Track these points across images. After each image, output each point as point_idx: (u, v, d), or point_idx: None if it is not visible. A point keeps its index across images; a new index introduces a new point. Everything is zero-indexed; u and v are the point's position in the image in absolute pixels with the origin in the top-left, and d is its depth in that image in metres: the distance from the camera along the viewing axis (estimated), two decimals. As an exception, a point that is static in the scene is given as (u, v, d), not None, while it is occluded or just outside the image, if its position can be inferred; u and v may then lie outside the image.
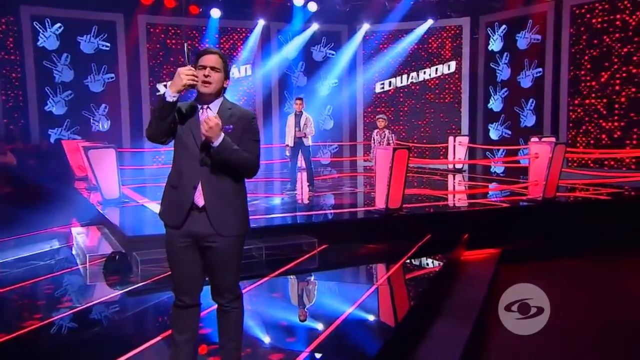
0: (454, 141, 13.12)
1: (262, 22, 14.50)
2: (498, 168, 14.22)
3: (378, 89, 15.91)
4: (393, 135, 8.93)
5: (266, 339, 3.80)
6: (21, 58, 12.72)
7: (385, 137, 8.71)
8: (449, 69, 15.42)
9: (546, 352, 4.38)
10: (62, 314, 4.30)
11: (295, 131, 9.03)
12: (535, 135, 13.20)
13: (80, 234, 6.64)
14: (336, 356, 3.54)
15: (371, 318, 4.32)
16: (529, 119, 14.17)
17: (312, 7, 14.16)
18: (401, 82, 15.78)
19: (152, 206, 8.03)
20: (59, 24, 13.04)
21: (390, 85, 15.83)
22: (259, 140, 2.93)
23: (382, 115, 8.94)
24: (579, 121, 12.92)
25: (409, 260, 5.95)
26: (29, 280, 5.24)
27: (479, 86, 15.30)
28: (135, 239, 5.72)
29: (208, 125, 2.63)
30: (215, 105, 2.85)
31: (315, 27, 15.01)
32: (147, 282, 5.07)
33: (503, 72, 14.70)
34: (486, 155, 14.93)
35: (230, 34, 14.79)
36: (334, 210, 7.93)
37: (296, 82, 15.46)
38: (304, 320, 4.26)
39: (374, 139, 8.84)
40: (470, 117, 15.34)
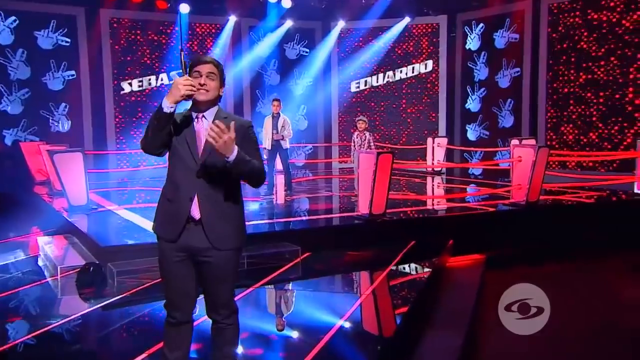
0: (433, 142, 13.32)
1: (233, 19, 14.45)
2: (476, 170, 14.49)
3: (353, 89, 16.03)
4: (371, 137, 9.03)
5: (254, 355, 3.81)
6: (-28, 54, 12.42)
7: (365, 140, 8.80)
8: (425, 68, 15.64)
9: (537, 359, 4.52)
10: (34, 332, 4.19)
11: (272, 133, 9.05)
12: (514, 136, 13.55)
13: (48, 244, 6.52)
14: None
15: (361, 330, 4.37)
16: (507, 119, 14.48)
17: (287, 3, 14.18)
18: (377, 82, 15.93)
19: (122, 213, 7.94)
20: (13, 18, 12.73)
21: (366, 85, 15.96)
22: (259, 148, 2.97)
23: (362, 117, 9.02)
24: (558, 122, 13.27)
25: (395, 268, 6.04)
26: (-6, 296, 5.13)
27: (456, 86, 15.57)
28: (110, 249, 5.65)
29: (222, 140, 2.58)
30: (210, 114, 2.87)
31: (289, 24, 15.03)
32: (125, 294, 5.02)
33: (481, 71, 14.99)
34: (464, 156, 15.21)
35: (200, 30, 14.70)
36: (316, 216, 7.98)
37: (269, 80, 15.45)
38: (291, 335, 4.29)
39: (354, 142, 8.93)
40: (447, 117, 15.58)
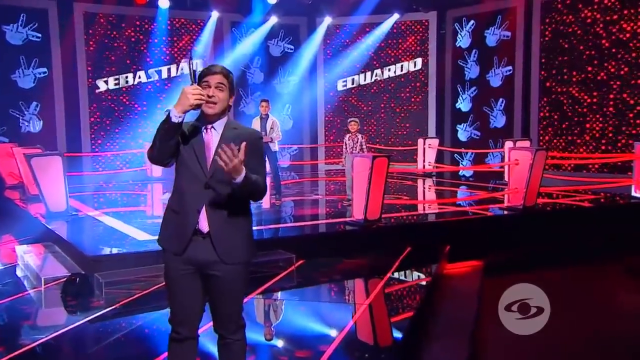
0: (424, 143, 13.44)
1: (216, 14, 14.43)
2: (467, 171, 14.67)
3: (340, 87, 16.10)
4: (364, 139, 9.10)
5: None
6: (-64, 50, 12.24)
7: (358, 142, 8.87)
8: (415, 66, 15.80)
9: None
10: (20, 348, 4.12)
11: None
12: (506, 137, 13.75)
13: (27, 253, 6.46)
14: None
15: (363, 342, 4.42)
16: (498, 119, 14.68)
17: (272, -1, 14.23)
18: (365, 80, 16.04)
19: (104, 219, 7.90)
20: (-21, 11, 12.59)
21: (353, 83, 16.06)
22: (264, 161, 3.00)
23: (354, 119, 9.08)
24: (551, 122, 13.47)
25: (393, 277, 6.11)
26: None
27: (446, 84, 15.74)
28: (97, 259, 5.63)
29: (233, 165, 2.60)
30: (219, 125, 2.88)
31: (273, 20, 15.06)
32: (114, 306, 5.00)
33: (472, 70, 15.18)
34: (454, 157, 15.38)
35: (181, 26, 14.65)
36: (309, 222, 8.02)
37: (252, 78, 15.46)
38: (291, 348, 4.31)
39: (346, 144, 8.99)
40: (437, 117, 15.75)
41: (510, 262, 7.29)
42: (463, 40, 15.32)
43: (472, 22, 15.11)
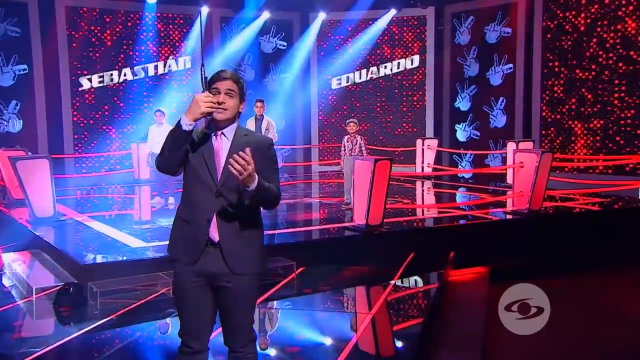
0: (423, 144, 13.51)
1: (205, 9, 14.42)
2: (465, 173, 14.76)
3: (335, 85, 16.15)
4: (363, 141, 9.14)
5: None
6: None
7: (357, 144, 8.91)
8: (412, 64, 15.87)
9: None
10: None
11: (256, 137, 9.06)
12: (506, 137, 13.87)
13: (15, 261, 6.43)
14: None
15: (368, 353, 4.45)
16: (499, 119, 14.78)
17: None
18: (360, 78, 16.09)
19: (94, 224, 7.88)
20: (-46, 5, 12.50)
21: (348, 81, 16.11)
22: (278, 168, 3.02)
23: (352, 120, 9.12)
24: (553, 122, 13.56)
25: (398, 284, 6.16)
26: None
27: (444, 83, 15.83)
28: (91, 267, 5.62)
29: (247, 173, 2.62)
30: (229, 132, 2.91)
31: (266, 15, 15.07)
32: (110, 317, 4.99)
33: (471, 67, 15.28)
34: (453, 159, 15.47)
35: (170, 21, 14.62)
36: (308, 227, 8.04)
37: (243, 76, 15.36)
38: (298, 360, 4.35)
39: (344, 146, 9.02)
40: (435, 116, 15.83)
41: (516, 269, 7.34)
42: (462, 37, 15.42)
43: (471, 18, 15.21)
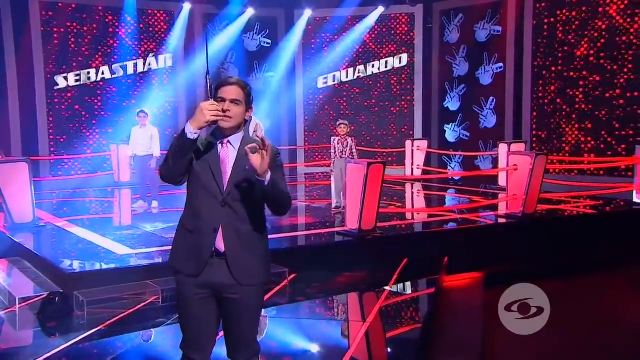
0: (412, 145, 13.61)
1: (188, 6, 14.41)
2: (459, 176, 14.87)
3: (321, 84, 16.20)
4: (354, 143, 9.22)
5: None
6: None
7: (347, 146, 8.99)
8: (400, 63, 15.97)
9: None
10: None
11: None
12: (497, 138, 14.02)
13: (-4, 270, 6.40)
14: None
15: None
16: (489, 119, 14.93)
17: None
18: (347, 77, 16.16)
19: (75, 230, 7.86)
20: None
21: (334, 80, 16.16)
22: (285, 175, 3.08)
23: (344, 121, 9.18)
24: (544, 123, 13.73)
25: (392, 291, 6.23)
26: None
27: (433, 82, 15.92)
28: (76, 276, 5.61)
29: (269, 158, 2.72)
30: (236, 140, 2.94)
31: (250, 12, 15.08)
32: (99, 328, 4.99)
33: (460, 66, 15.41)
34: (442, 160, 15.60)
35: (150, 18, 14.57)
36: (299, 232, 8.06)
37: (225, 74, 15.42)
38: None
39: (334, 148, 9.09)
40: (424, 116, 15.93)
41: (511, 273, 7.45)
42: (451, 35, 15.54)
43: (460, 15, 15.33)
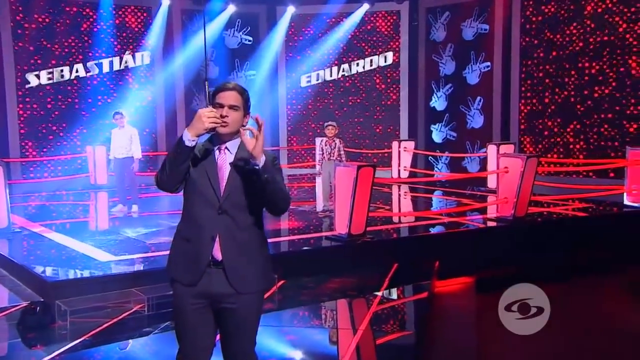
0: (399, 146, 13.69)
1: (166, 2, 14.35)
2: (439, 176, 14.99)
3: (304, 83, 16.23)
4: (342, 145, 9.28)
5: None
6: None
7: (335, 147, 9.05)
8: (385, 61, 16.05)
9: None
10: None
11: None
12: (484, 138, 14.16)
13: (-30, 279, 6.32)
14: None
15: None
16: (476, 119, 15.06)
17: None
18: (330, 75, 16.20)
19: (52, 236, 7.80)
20: None
21: (318, 79, 16.20)
22: (283, 179, 3.10)
23: (331, 123, 9.24)
24: (532, 123, 13.88)
25: (383, 297, 6.28)
26: None
27: (419, 81, 16.02)
28: (58, 284, 5.57)
29: (262, 137, 2.78)
30: (233, 146, 2.97)
31: (231, 9, 15.07)
32: (83, 338, 4.97)
33: (447, 65, 15.52)
34: (429, 161, 15.70)
35: (127, 14, 14.47)
36: (287, 237, 8.05)
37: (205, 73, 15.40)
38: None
39: (322, 149, 9.14)
40: (410, 116, 16.03)
41: (502, 278, 7.54)
42: (437, 34, 15.65)
43: (447, 13, 15.43)
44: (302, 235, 8.04)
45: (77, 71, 14.02)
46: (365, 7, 15.60)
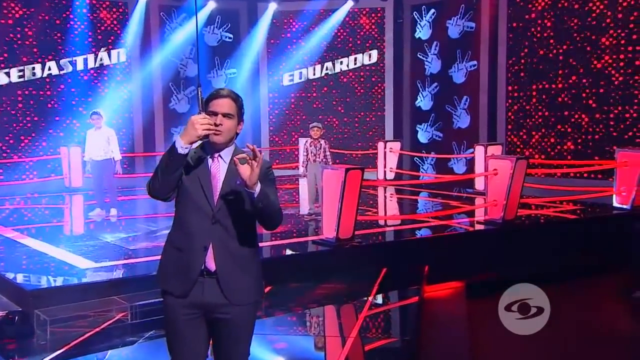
0: (385, 147, 13.75)
1: (143, -2, 14.33)
2: (427, 177, 15.09)
3: (286, 82, 16.23)
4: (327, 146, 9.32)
5: None
6: None
7: (321, 149, 9.09)
8: (369, 59, 16.11)
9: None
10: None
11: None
12: (470, 138, 14.27)
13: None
14: None
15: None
16: (462, 119, 15.17)
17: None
18: (314, 74, 16.23)
19: (28, 242, 7.73)
20: None
21: (301, 78, 16.21)
22: (276, 189, 3.12)
23: (316, 124, 9.29)
24: (520, 123, 14.02)
25: (373, 303, 6.32)
26: None
27: (404, 80, 16.12)
28: (37, 293, 5.53)
29: (258, 169, 2.76)
30: (227, 154, 2.97)
31: (212, 5, 15.04)
32: (64, 349, 4.94)
33: (432, 64, 15.63)
34: (414, 162, 15.79)
35: (102, 9, 14.36)
36: (274, 241, 8.05)
37: (184, 71, 15.36)
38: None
39: (307, 151, 9.17)
40: (395, 116, 16.11)
41: (492, 282, 7.62)
42: (423, 31, 15.74)
43: (432, 11, 15.53)
44: (287, 239, 8.04)
45: (49, 69, 13.87)
46: (350, 4, 15.64)
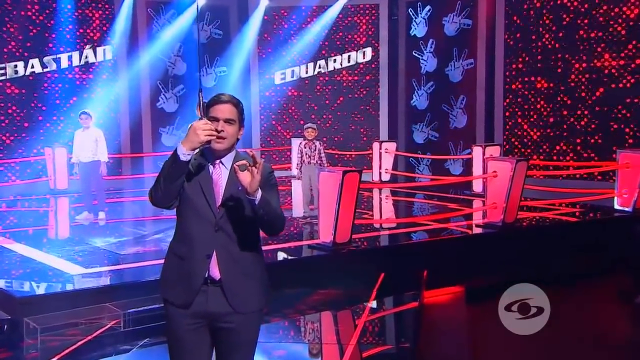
0: (380, 148, 13.79)
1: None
2: (423, 179, 15.12)
3: (278, 80, 16.25)
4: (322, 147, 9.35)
5: None
6: None
7: (315, 150, 9.12)
8: (364, 57, 16.15)
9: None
10: None
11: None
12: (467, 138, 14.34)
13: None
14: None
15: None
16: (459, 119, 15.22)
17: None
18: (307, 72, 16.25)
19: (14, 247, 7.71)
20: None
21: (293, 76, 16.23)
22: (278, 194, 3.14)
23: (311, 125, 9.33)
24: (517, 123, 14.08)
25: (372, 309, 6.35)
26: None
27: (399, 79, 16.16)
28: (27, 300, 5.52)
29: (259, 176, 2.77)
30: (228, 160, 3.00)
31: (201, 1, 15.01)
32: (56, 358, 4.95)
33: (428, 62, 15.67)
34: (410, 162, 15.84)
35: (89, 5, 14.32)
36: (268, 246, 8.06)
37: (172, 69, 15.33)
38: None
39: (301, 152, 9.20)
40: (390, 116, 16.14)
41: (492, 286, 7.66)
42: (418, 29, 15.78)
43: (428, 7, 15.56)
44: (282, 243, 8.05)
45: (32, 67, 13.80)
46: (344, 0, 15.67)
